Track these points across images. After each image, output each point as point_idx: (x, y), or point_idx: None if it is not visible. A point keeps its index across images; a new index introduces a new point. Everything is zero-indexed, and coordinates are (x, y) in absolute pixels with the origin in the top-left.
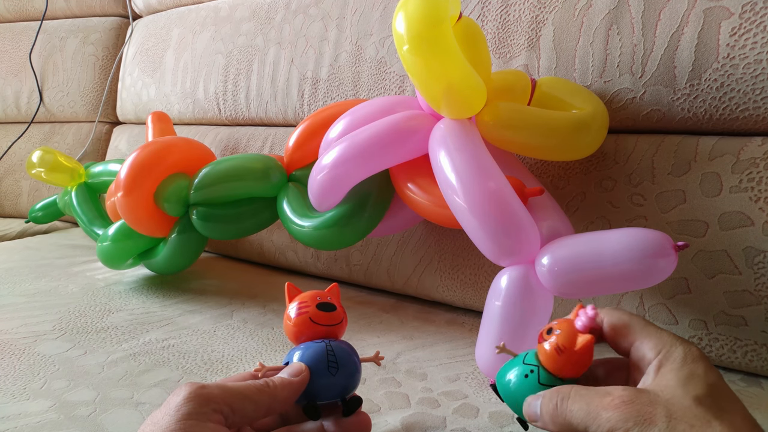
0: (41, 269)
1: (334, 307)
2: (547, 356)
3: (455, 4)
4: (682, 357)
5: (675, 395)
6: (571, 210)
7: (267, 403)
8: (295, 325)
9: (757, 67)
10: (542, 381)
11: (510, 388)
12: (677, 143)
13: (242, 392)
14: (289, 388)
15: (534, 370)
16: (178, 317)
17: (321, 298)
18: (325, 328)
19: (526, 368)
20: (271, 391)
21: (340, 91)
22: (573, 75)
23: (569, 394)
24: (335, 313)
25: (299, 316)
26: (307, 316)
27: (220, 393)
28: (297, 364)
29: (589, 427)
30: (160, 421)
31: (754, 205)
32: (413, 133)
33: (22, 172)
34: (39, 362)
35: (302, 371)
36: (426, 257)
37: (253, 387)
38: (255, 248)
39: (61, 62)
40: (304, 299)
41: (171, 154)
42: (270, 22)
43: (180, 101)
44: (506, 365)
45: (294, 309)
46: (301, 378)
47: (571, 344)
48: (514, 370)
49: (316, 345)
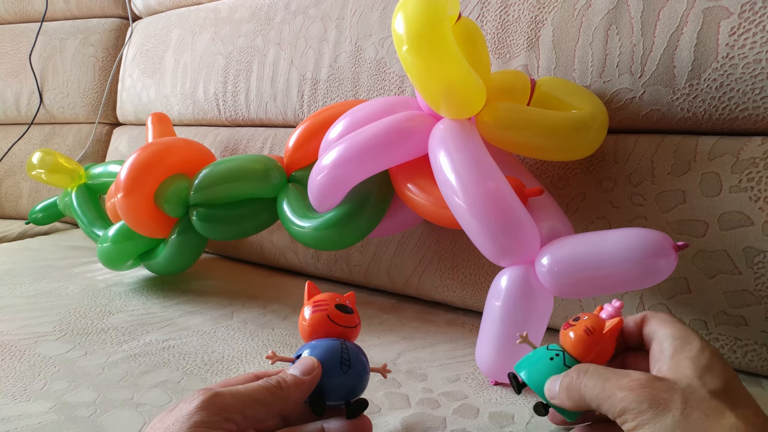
0: (41, 270)
1: (352, 311)
2: (575, 340)
3: (454, 5)
4: (699, 348)
5: (692, 385)
6: (571, 210)
7: (279, 406)
8: (312, 322)
9: (756, 67)
10: (568, 363)
11: (535, 372)
12: (677, 143)
13: (255, 397)
14: (301, 388)
15: (560, 353)
16: (179, 318)
17: (340, 300)
18: (341, 328)
19: (552, 353)
20: (283, 394)
21: (340, 91)
22: (572, 75)
23: (587, 370)
24: (352, 316)
25: (317, 312)
26: (326, 313)
27: (233, 401)
28: (309, 359)
29: (601, 405)
30: (171, 428)
31: (754, 205)
32: (413, 134)
33: (22, 173)
34: (39, 363)
35: (314, 368)
36: (426, 258)
37: (265, 390)
38: (255, 249)
39: (61, 63)
40: (323, 299)
41: (171, 156)
42: (270, 23)
43: (180, 102)
44: (529, 355)
45: (312, 306)
46: (313, 376)
47: (599, 327)
48: (539, 355)
49: (331, 342)
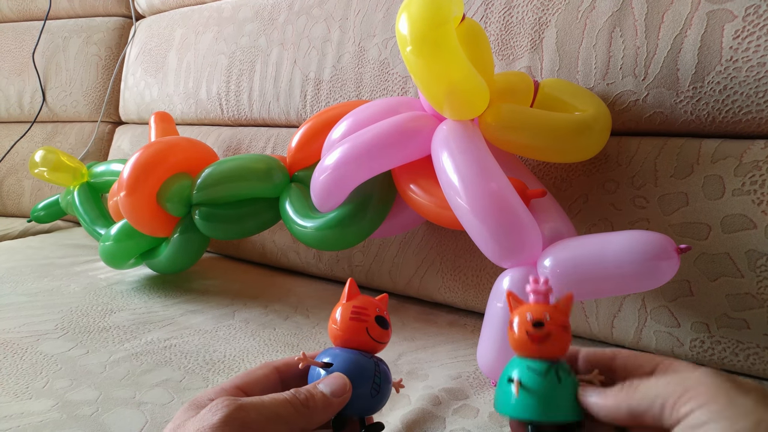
0: (43, 269)
1: (388, 325)
2: (521, 339)
3: (458, 6)
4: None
5: None
6: (574, 212)
7: (301, 425)
8: (348, 331)
9: (760, 70)
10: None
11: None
12: (680, 146)
13: (279, 413)
14: (327, 412)
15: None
16: (180, 317)
17: (380, 310)
18: (375, 343)
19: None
20: (309, 413)
21: (343, 92)
22: (576, 77)
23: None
24: (388, 332)
25: (356, 321)
26: (365, 326)
27: (257, 417)
28: (342, 379)
29: (664, 403)
30: None
31: (757, 208)
32: (416, 135)
33: (24, 171)
34: (41, 362)
35: (345, 391)
36: (428, 258)
37: (291, 407)
38: (257, 249)
39: (64, 62)
40: (364, 307)
41: (173, 154)
42: (273, 23)
43: (183, 101)
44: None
45: (351, 313)
46: (342, 399)
47: (561, 317)
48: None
49: (365, 361)
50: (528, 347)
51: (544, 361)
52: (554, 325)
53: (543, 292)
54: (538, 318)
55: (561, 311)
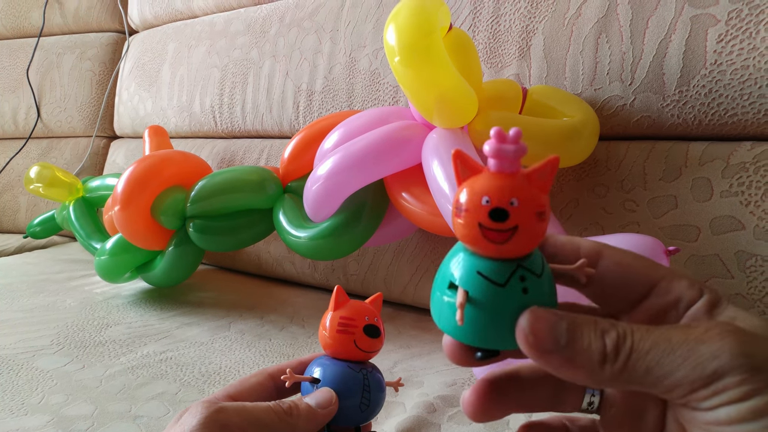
0: (39, 284)
1: (379, 333)
2: (471, 234)
3: (445, 16)
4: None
5: None
6: (565, 216)
7: None
8: (335, 344)
9: (744, 73)
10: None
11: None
12: (668, 149)
13: (261, 419)
14: (312, 422)
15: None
16: (176, 330)
17: (369, 318)
18: (365, 354)
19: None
20: (292, 421)
21: (335, 102)
22: (564, 83)
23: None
24: (378, 340)
25: (342, 334)
26: (352, 339)
27: (237, 420)
28: (328, 393)
29: (673, 372)
30: None
31: (745, 209)
32: (406, 143)
33: (20, 187)
34: (37, 377)
35: (331, 404)
36: (422, 266)
37: (273, 415)
38: (252, 260)
39: (58, 78)
40: (351, 317)
41: (167, 168)
42: (264, 36)
43: (176, 115)
44: None
45: (338, 325)
46: (328, 412)
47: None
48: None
49: (353, 374)
50: (482, 245)
51: (505, 261)
52: (524, 213)
53: (511, 154)
54: (500, 204)
55: (536, 185)
